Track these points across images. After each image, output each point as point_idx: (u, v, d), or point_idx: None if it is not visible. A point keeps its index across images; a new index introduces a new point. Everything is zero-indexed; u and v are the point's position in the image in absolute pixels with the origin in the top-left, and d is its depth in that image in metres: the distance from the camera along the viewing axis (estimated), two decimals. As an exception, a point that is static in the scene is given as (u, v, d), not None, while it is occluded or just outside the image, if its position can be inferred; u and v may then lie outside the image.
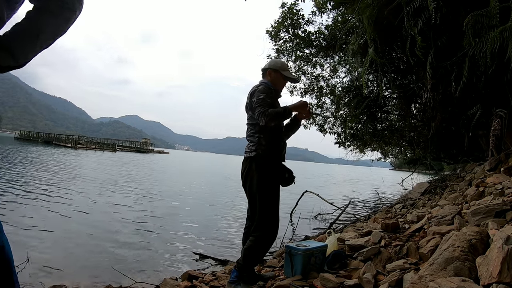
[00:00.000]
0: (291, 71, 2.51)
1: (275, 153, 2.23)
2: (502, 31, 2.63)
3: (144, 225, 5.24)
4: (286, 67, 2.41)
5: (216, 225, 5.74)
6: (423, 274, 1.51)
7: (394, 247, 2.30)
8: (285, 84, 2.47)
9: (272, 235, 2.20)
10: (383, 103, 7.52)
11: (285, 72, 2.37)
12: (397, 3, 3.53)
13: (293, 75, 2.48)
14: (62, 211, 5.60)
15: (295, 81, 2.58)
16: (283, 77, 2.36)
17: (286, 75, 2.37)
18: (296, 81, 2.67)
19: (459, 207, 2.68)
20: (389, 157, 11.34)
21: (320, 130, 9.25)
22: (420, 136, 6.79)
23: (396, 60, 5.81)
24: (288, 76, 2.38)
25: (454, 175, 5.31)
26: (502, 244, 1.36)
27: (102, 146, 45.92)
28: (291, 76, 2.42)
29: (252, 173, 2.20)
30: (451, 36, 3.43)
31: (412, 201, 5.03)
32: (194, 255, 3.88)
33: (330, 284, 1.96)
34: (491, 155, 3.53)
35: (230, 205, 8.13)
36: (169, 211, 6.68)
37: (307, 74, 8.59)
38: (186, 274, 2.83)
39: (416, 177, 7.92)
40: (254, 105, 2.18)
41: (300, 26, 7.58)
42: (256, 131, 2.22)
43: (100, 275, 3.07)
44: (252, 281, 2.26)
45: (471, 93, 3.75)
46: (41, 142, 47.14)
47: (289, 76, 2.39)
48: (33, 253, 3.32)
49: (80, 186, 8.85)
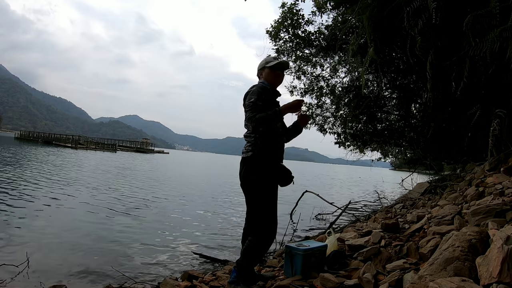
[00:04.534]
0: (289, 69, 2.45)
1: (272, 153, 2.22)
2: (502, 31, 2.63)
3: (144, 225, 5.24)
4: (271, 59, 2.35)
5: (216, 225, 5.74)
6: (423, 274, 1.51)
7: (394, 247, 2.30)
8: (280, 76, 2.35)
9: (270, 235, 2.20)
10: (383, 103, 7.52)
11: (270, 64, 2.30)
12: (397, 3, 3.53)
13: (278, 60, 2.35)
14: (62, 211, 5.60)
15: (282, 65, 2.35)
16: (271, 69, 2.30)
17: (271, 65, 2.29)
18: (284, 65, 2.37)
19: (459, 207, 2.68)
20: (389, 157, 11.35)
21: (320, 130, 9.25)
22: (420, 136, 6.79)
23: (396, 60, 5.81)
24: (274, 65, 2.29)
25: (454, 175, 5.31)
26: (502, 244, 1.36)
27: (102, 146, 45.94)
28: (276, 62, 2.30)
29: (249, 173, 2.19)
30: (451, 36, 3.43)
31: (412, 201, 5.03)
32: (194, 255, 3.88)
33: (330, 284, 1.96)
34: (491, 155, 3.53)
35: (230, 205, 8.13)
36: (169, 211, 6.68)
37: (307, 74, 8.58)
38: (186, 274, 2.83)
39: (416, 177, 7.91)
40: (245, 109, 2.18)
41: (300, 26, 7.58)
42: (252, 131, 2.22)
43: (100, 275, 3.06)
44: (252, 281, 2.26)
45: (471, 93, 3.75)
46: (41, 142, 47.12)
47: (274, 65, 2.30)
48: (33, 253, 3.31)
49: (80, 186, 8.85)
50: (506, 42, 2.63)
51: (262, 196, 2.17)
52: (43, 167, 13.19)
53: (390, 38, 4.47)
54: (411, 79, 6.28)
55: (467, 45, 2.99)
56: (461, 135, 4.93)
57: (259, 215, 2.18)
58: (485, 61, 2.84)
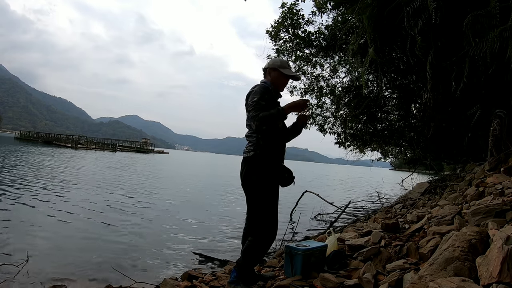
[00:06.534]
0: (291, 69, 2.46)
1: (273, 153, 2.22)
2: (502, 31, 2.63)
3: (144, 225, 5.24)
4: (285, 65, 2.37)
5: (216, 225, 5.74)
6: (423, 274, 1.51)
7: (394, 247, 2.30)
8: (287, 83, 2.41)
9: (271, 235, 2.20)
10: (383, 103, 7.53)
11: (285, 70, 2.32)
12: (397, 3, 3.53)
13: (293, 72, 2.43)
14: (62, 211, 5.60)
15: (295, 78, 2.53)
16: (282, 75, 2.32)
17: (286, 73, 2.32)
18: (297, 79, 2.60)
19: (459, 207, 2.68)
20: (389, 157, 11.36)
21: (320, 130, 9.26)
22: (420, 136, 6.79)
23: (396, 60, 5.81)
24: (288, 73, 2.34)
25: (454, 175, 5.31)
26: (502, 244, 1.36)
27: (103, 146, 45.91)
28: (291, 73, 2.37)
29: (250, 173, 2.18)
30: (451, 36, 3.43)
31: (412, 201, 5.03)
32: (194, 255, 3.88)
33: (330, 284, 1.96)
34: (491, 155, 3.53)
35: (230, 205, 8.13)
36: (169, 211, 6.67)
37: (307, 74, 8.59)
38: (186, 274, 2.83)
39: (416, 177, 7.92)
40: (248, 108, 2.18)
41: (300, 26, 7.59)
42: (255, 131, 2.22)
43: (100, 275, 3.06)
44: (252, 281, 2.26)
45: (471, 93, 3.76)
46: (41, 142, 47.10)
47: (288, 73, 2.34)
48: (33, 253, 3.31)
49: (80, 186, 8.85)
50: (506, 42, 2.63)
51: (263, 196, 2.17)
52: (43, 167, 13.19)
53: (390, 38, 4.47)
54: (411, 79, 6.29)
55: (467, 45, 2.99)
56: (461, 135, 4.94)
57: (260, 215, 2.18)
58: (485, 61, 2.84)
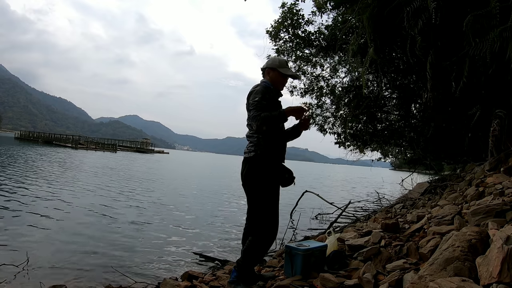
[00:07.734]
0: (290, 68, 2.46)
1: (274, 154, 2.22)
2: (502, 31, 2.63)
3: (144, 225, 5.24)
4: (284, 64, 2.36)
5: (216, 225, 5.74)
6: (423, 274, 1.51)
7: (394, 247, 2.30)
8: (286, 82, 2.41)
9: (271, 235, 2.20)
10: (383, 103, 7.52)
11: (283, 69, 2.31)
12: (397, 3, 3.53)
13: (291, 71, 2.42)
14: (62, 212, 5.60)
15: (294, 77, 2.52)
16: (281, 74, 2.31)
17: (284, 72, 2.31)
18: (296, 77, 2.61)
19: (459, 207, 2.68)
20: (389, 157, 11.34)
21: (320, 130, 9.25)
22: (420, 136, 6.79)
23: (396, 60, 5.81)
24: (286, 73, 2.33)
25: (454, 175, 5.31)
26: (502, 244, 1.36)
27: (103, 146, 45.90)
28: (290, 72, 2.36)
29: (251, 173, 2.18)
30: (451, 36, 3.43)
31: (412, 201, 5.03)
32: (194, 255, 3.88)
33: (330, 284, 1.96)
34: (491, 155, 3.53)
35: (230, 205, 8.13)
36: (169, 211, 6.68)
37: (307, 74, 8.58)
38: (186, 274, 2.83)
39: (416, 177, 7.92)
40: (249, 108, 2.17)
41: (300, 26, 7.58)
42: (256, 131, 2.21)
43: (100, 275, 3.07)
44: (252, 281, 2.26)
45: (471, 93, 3.75)
46: (41, 142, 47.08)
47: (287, 73, 2.33)
48: (33, 253, 3.31)
49: (80, 187, 8.85)
50: (506, 42, 2.63)
51: (263, 197, 2.17)
52: (43, 167, 13.19)
53: (390, 38, 4.47)
54: (411, 79, 6.28)
55: (467, 45, 2.99)
56: (461, 135, 4.94)
57: (260, 215, 2.18)
58: (485, 61, 2.84)
